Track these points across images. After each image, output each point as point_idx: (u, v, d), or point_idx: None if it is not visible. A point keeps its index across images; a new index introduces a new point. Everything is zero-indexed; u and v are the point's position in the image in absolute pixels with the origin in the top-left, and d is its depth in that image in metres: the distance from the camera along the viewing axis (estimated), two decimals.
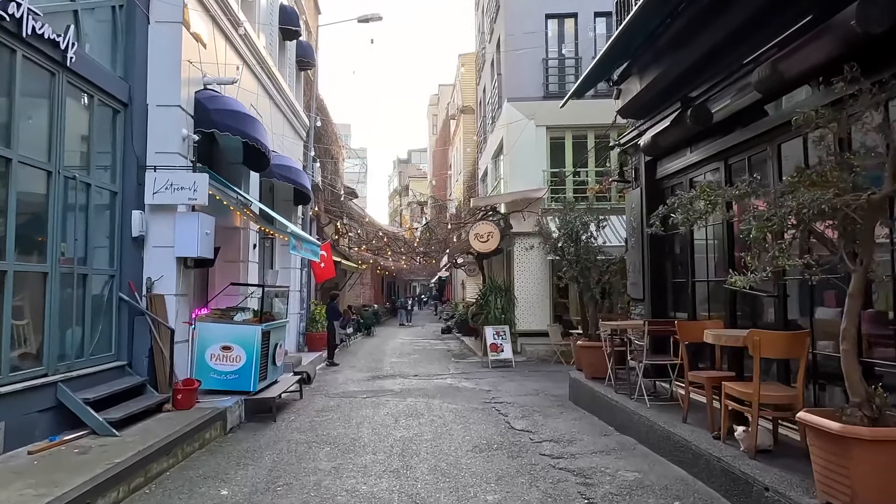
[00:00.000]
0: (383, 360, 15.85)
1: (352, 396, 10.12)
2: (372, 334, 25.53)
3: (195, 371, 7.96)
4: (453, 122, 30.41)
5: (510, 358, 13.95)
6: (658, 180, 8.32)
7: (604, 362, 8.09)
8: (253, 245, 11.16)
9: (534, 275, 15.94)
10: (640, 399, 6.73)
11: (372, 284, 35.90)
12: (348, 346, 19.63)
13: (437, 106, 52.92)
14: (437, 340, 22.74)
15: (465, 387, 11.02)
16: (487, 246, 16.01)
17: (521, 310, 15.89)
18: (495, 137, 18.63)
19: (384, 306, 39.35)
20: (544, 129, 16.24)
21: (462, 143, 26.94)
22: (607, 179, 11.93)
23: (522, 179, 15.90)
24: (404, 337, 24.78)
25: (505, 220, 16.28)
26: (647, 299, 8.32)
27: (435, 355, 17.15)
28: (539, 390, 10.46)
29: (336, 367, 14.24)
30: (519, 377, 12.18)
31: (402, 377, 12.55)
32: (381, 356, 17.01)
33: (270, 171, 11.60)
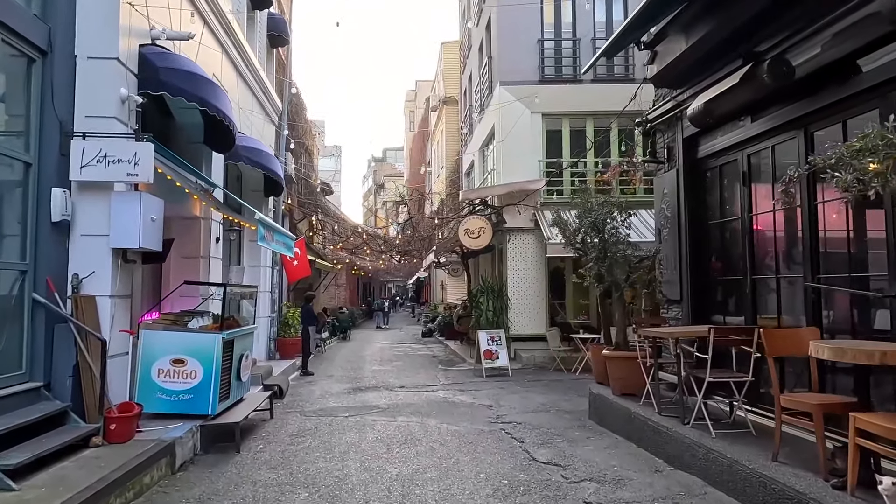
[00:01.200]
0: (363, 368, 14.35)
1: (332, 415, 8.63)
2: (348, 338, 23.97)
3: (138, 392, 6.39)
4: (434, 114, 29.01)
5: (506, 366, 12.59)
6: (699, 160, 7.04)
7: (637, 376, 6.78)
8: (216, 238, 9.58)
9: (529, 274, 14.63)
10: (700, 425, 5.41)
11: (347, 285, 34.28)
12: (323, 352, 18.06)
13: (415, 102, 51.46)
14: (418, 345, 21.29)
15: (461, 401, 9.61)
16: (478, 242, 14.64)
17: (514, 312, 14.55)
18: (484, 126, 17.29)
19: (360, 308, 37.71)
20: (539, 116, 14.95)
21: (444, 136, 25.58)
22: (616, 168, 10.72)
23: (516, 171, 14.58)
24: (383, 341, 23.27)
25: (497, 214, 14.93)
26: (685, 300, 7.04)
27: (419, 362, 15.70)
28: (548, 405, 9.11)
29: (311, 378, 12.70)
30: (520, 388, 10.83)
31: (387, 389, 11.09)
32: (360, 363, 15.50)
33: (237, 153, 10.05)
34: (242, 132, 10.88)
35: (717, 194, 6.83)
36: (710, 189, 6.93)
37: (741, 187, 6.22)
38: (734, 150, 6.35)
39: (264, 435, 7.25)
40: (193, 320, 6.86)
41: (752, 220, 6.12)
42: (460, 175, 22.38)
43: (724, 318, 6.65)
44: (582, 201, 7.94)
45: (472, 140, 20.09)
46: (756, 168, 6.14)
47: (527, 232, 14.66)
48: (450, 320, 21.36)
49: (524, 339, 14.28)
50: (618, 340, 7.33)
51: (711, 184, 6.92)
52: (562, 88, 14.88)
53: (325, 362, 15.68)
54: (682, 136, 7.13)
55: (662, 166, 7.58)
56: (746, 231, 6.17)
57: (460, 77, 23.73)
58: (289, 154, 16.95)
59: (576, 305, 15.11)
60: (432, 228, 21.06)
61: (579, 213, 7.97)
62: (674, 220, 7.22)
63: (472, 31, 19.95)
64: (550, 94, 14.77)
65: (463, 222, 14.75)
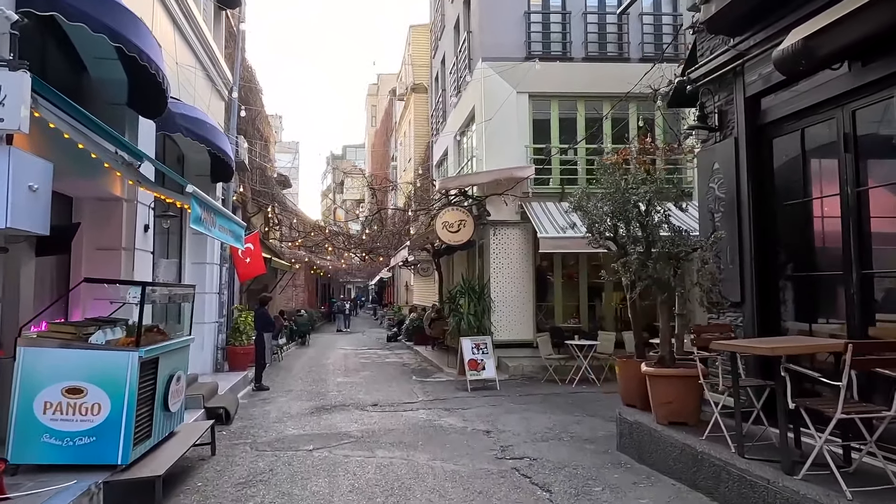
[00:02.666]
0: (327, 381, 12.50)
1: (291, 447, 6.83)
2: (307, 343, 21.97)
3: (13, 435, 4.50)
4: (400, 104, 27.25)
5: (493, 377, 10.99)
6: (767, 125, 5.58)
7: (692, 400, 5.28)
8: (144, 226, 7.64)
9: (514, 272, 13.07)
10: (818, 477, 3.89)
11: (306, 286, 32.13)
12: (280, 361, 16.09)
13: (377, 96, 49.55)
14: (385, 350, 19.49)
15: (451, 426, 7.94)
16: (459, 237, 13.00)
17: (498, 316, 12.97)
18: (461, 110, 15.67)
19: (319, 311, 35.57)
20: (526, 97, 13.42)
21: (412, 126, 23.87)
22: (624, 150, 9.29)
23: (500, 157, 13.00)
24: (345, 346, 21.38)
25: (479, 205, 13.32)
26: (747, 302, 5.57)
27: (390, 372, 13.94)
28: (557, 429, 7.54)
29: (266, 393, 10.80)
30: (515, 405, 9.23)
31: (357, 408, 9.32)
32: (323, 373, 13.63)
33: (173, 122, 8.13)
34: (181, 100, 8.97)
35: (795, 167, 5.38)
36: (785, 160, 5.48)
37: (843, 155, 4.75)
38: (828, 107, 4.89)
39: (201, 485, 5.40)
40: (98, 332, 4.97)
41: (859, 196, 4.66)
42: (430, 165, 20.69)
43: (810, 325, 5.19)
44: (611, 182, 6.35)
45: (445, 127, 18.44)
46: (867, 128, 4.68)
47: (512, 226, 13.10)
48: (419, 324, 19.68)
49: (509, 345, 12.70)
50: (662, 353, 5.80)
51: (786, 154, 5.47)
52: (551, 67, 13.39)
53: (282, 373, 13.76)
54: (742, 95, 5.66)
55: (712, 136, 6.08)
56: (852, 211, 4.70)
57: (430, 61, 22.06)
58: (241, 138, 14.96)
59: (565, 308, 13.63)
60: (404, 222, 19.27)
61: (606, 197, 6.38)
62: (731, 202, 5.74)
63: (447, 9, 18.31)
64: (538, 74, 13.25)
65: (440, 214, 13.08)
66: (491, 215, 12.92)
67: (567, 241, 11.41)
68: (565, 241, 11.40)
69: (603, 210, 6.36)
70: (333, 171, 70.34)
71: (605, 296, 13.81)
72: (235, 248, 13.26)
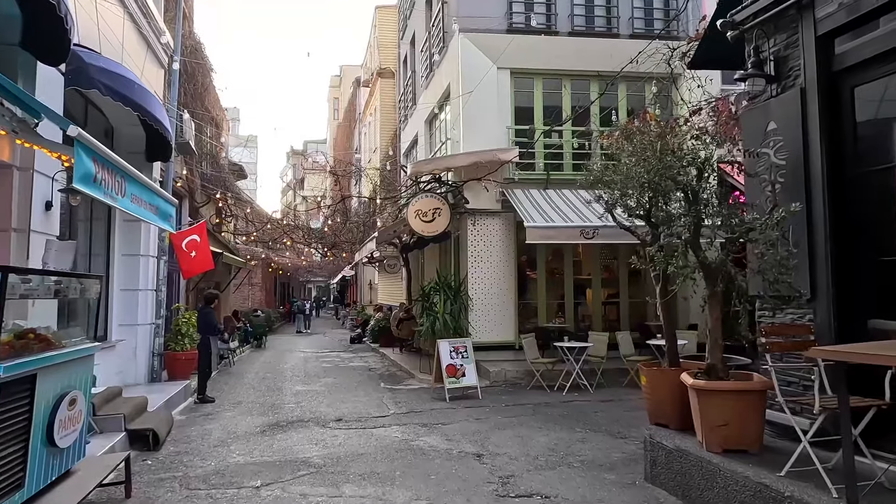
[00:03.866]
0: (283, 389, 10.98)
1: (234, 483, 5.37)
2: (263, 346, 20.26)
3: None
4: (365, 90, 25.70)
5: (474, 385, 9.68)
6: (843, 72, 4.41)
7: (755, 421, 4.06)
8: (46, 203, 6.04)
9: (495, 267, 11.80)
10: None
11: (263, 285, 30.26)
12: (231, 366, 14.43)
13: (340, 88, 47.90)
14: (348, 353, 17.97)
15: (432, 447, 6.58)
16: (433, 227, 11.65)
17: (476, 315, 11.68)
18: (435, 90, 14.32)
19: (278, 310, 33.69)
20: (508, 73, 12.16)
21: (378, 113, 22.39)
22: (628, 122, 8.08)
23: (478, 140, 11.70)
24: (305, 348, 19.75)
25: (456, 193, 12.00)
26: (821, 294, 4.39)
27: (355, 378, 12.48)
28: (562, 451, 6.27)
29: (211, 407, 9.23)
30: (504, 419, 7.93)
31: (318, 424, 7.88)
32: (279, 381, 12.08)
33: (87, 76, 6.52)
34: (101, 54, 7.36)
35: (883, 124, 4.23)
36: (869, 116, 4.33)
37: None
38: None
39: None
40: None
41: None
42: (397, 154, 19.27)
43: None
44: (644, 143, 5.05)
45: (415, 112, 17.06)
46: None
47: (493, 215, 11.82)
48: (385, 325, 18.24)
49: (489, 347, 11.41)
50: (713, 362, 4.56)
51: (870, 107, 4.31)
52: (534, 41, 12.17)
53: (232, 381, 12.15)
54: (812, 34, 4.48)
55: (765, 91, 4.89)
56: None
57: (398, 44, 20.63)
58: (187, 116, 13.27)
59: (549, 306, 12.42)
60: (370, 213, 17.77)
61: (640, 161, 5.09)
62: (794, 170, 4.57)
63: None
64: (521, 48, 12.02)
65: (413, 202, 11.69)
66: (469, 203, 11.61)
67: (556, 232, 10.21)
68: (554, 231, 10.19)
69: (636, 178, 5.03)
70: (294, 168, 68.10)
71: (591, 293, 12.67)
72: (178, 240, 11.67)
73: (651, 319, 12.42)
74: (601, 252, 12.63)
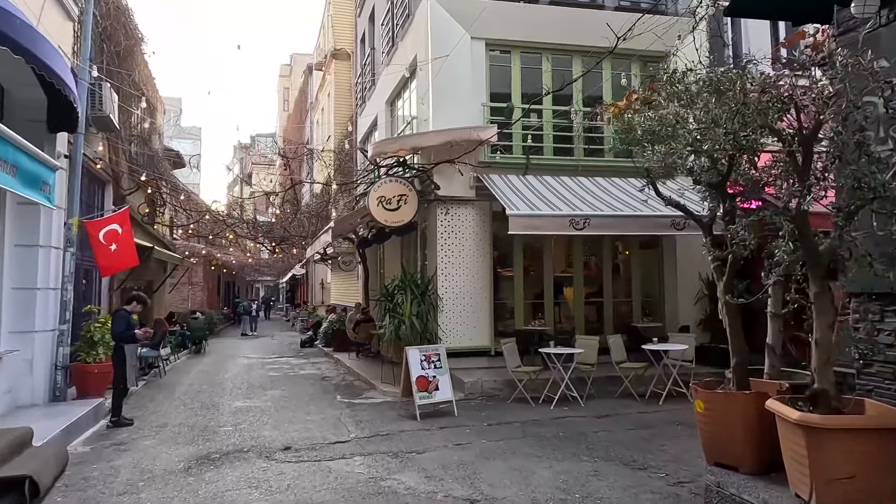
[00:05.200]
0: (221, 406, 9.28)
1: None
2: (203, 351, 18.26)
3: None
4: (318, 74, 23.88)
5: (450, 399, 8.26)
6: None
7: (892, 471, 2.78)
8: None
9: (468, 262, 10.42)
10: None
11: (205, 284, 27.98)
12: (162, 377, 12.53)
13: (290, 77, 45.66)
14: (298, 359, 16.25)
15: (411, 491, 5.12)
16: (398, 216, 10.16)
17: (447, 317, 10.27)
18: (398, 66, 12.81)
19: (221, 312, 31.38)
20: (483, 44, 10.80)
21: (332, 99, 20.68)
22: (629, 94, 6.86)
23: (449, 118, 10.27)
24: (250, 354, 17.89)
25: (424, 178, 10.56)
26: None
27: (307, 389, 10.87)
28: (576, 489, 4.93)
29: (127, 432, 7.48)
30: (491, 444, 6.54)
31: (260, 456, 6.30)
32: (216, 395, 10.34)
33: None
34: None
35: None
36: None
37: None
38: None
39: None
40: None
41: None
42: (353, 140, 17.63)
43: None
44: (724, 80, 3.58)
45: (374, 93, 15.50)
46: None
47: (466, 203, 10.44)
48: (339, 327, 16.62)
49: (461, 354, 10.02)
50: (822, 386, 3.26)
51: None
52: (513, 9, 10.84)
53: (161, 394, 10.35)
54: None
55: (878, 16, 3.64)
56: None
57: (355, 22, 19.00)
58: (107, 86, 11.34)
59: (527, 307, 11.12)
60: (324, 202, 16.03)
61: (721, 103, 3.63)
62: None
63: None
64: (497, 16, 10.68)
65: (375, 188, 10.17)
66: (440, 189, 10.17)
67: (542, 221, 8.91)
68: (540, 220, 8.89)
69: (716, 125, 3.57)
70: (241, 162, 65.03)
71: (573, 292, 11.44)
72: (93, 230, 9.82)
73: (638, 320, 11.30)
74: (584, 246, 11.43)
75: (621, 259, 11.90)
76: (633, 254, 11.74)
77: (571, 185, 10.39)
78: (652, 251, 11.67)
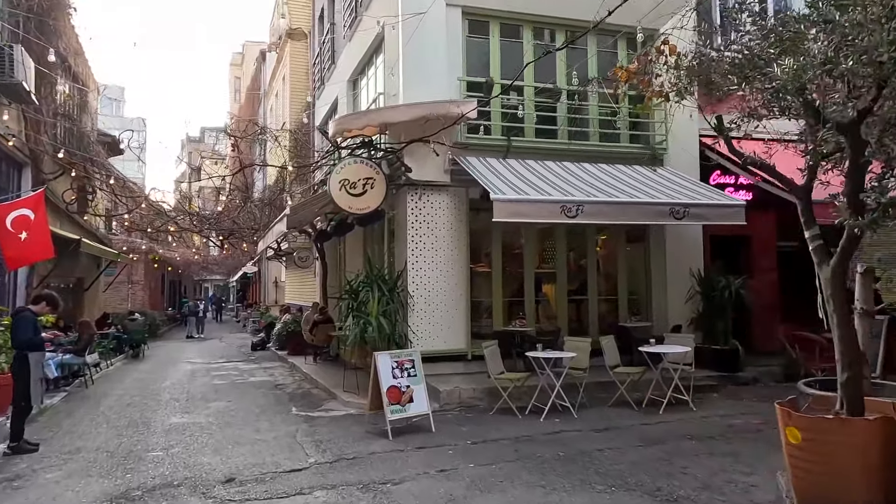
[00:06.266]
0: (152, 424, 7.86)
1: None
2: (142, 356, 16.55)
3: None
4: (271, 57, 22.29)
5: (426, 412, 7.09)
6: None
7: None
8: None
9: (442, 256, 9.29)
10: None
11: (147, 283, 25.92)
12: (88, 388, 10.92)
13: (242, 66, 43.45)
14: (249, 364, 14.78)
15: None
16: (363, 203, 8.93)
17: (418, 317, 9.12)
18: (362, 40, 11.56)
19: (165, 313, 29.29)
20: (459, 12, 9.68)
21: (287, 83, 19.18)
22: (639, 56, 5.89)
23: (422, 92, 9.08)
24: (195, 358, 16.29)
25: (392, 160, 9.36)
26: None
27: (257, 399, 9.52)
28: None
29: (27, 462, 6.03)
30: (484, 471, 5.42)
31: (195, 493, 5.01)
32: (149, 408, 8.89)
33: None
34: None
35: None
36: None
37: None
38: None
39: None
40: None
41: None
42: (310, 126, 16.23)
43: None
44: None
45: (335, 72, 14.18)
46: None
47: (440, 189, 9.30)
48: (295, 328, 15.24)
49: (435, 358, 8.85)
50: None
51: None
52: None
53: (83, 408, 8.86)
54: None
55: None
56: None
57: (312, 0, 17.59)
58: (21, 50, 9.70)
59: (505, 306, 10.05)
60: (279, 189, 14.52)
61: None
62: None
63: None
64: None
65: (338, 170, 8.90)
66: (412, 172, 8.98)
67: (531, 207, 7.87)
68: (529, 206, 7.85)
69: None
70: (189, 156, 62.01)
71: (555, 289, 10.43)
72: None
73: (625, 319, 10.38)
74: (567, 238, 10.44)
75: (607, 253, 10.97)
76: (618, 248, 10.82)
77: (557, 169, 9.38)
78: (638, 245, 10.78)
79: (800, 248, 12.14)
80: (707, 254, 10.71)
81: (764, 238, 11.35)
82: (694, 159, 10.54)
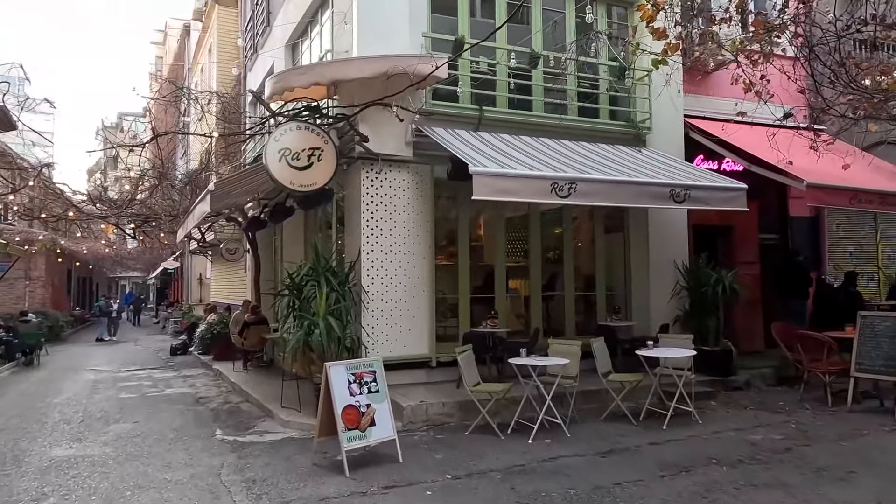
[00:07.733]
0: (25, 459, 5.99)
1: None
2: (36, 363, 14.13)
3: None
4: (196, 25, 19.99)
5: (391, 437, 5.60)
6: None
7: None
8: None
9: (402, 245, 7.84)
10: None
11: (48, 280, 22.92)
12: None
13: (165, 45, 40.09)
14: (166, 372, 12.73)
15: None
16: (309, 178, 7.31)
17: (374, 317, 7.62)
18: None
19: (71, 313, 26.18)
20: None
21: (214, 53, 17.07)
22: None
23: (380, 48, 7.56)
24: (102, 366, 14.04)
25: (343, 130, 7.80)
26: None
27: (173, 420, 7.72)
28: None
29: None
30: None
31: None
32: (27, 435, 6.94)
33: None
34: None
35: None
36: None
37: None
38: None
39: None
40: None
41: None
42: (240, 101, 14.31)
43: None
44: None
45: (270, 36, 12.37)
46: None
47: (401, 166, 7.83)
48: (221, 330, 13.33)
49: (395, 365, 7.35)
50: None
51: None
52: None
53: None
54: None
55: None
56: None
57: None
58: None
59: (473, 303, 8.68)
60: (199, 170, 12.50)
61: None
62: None
63: None
64: None
65: (276, 137, 7.24)
66: (368, 142, 7.45)
67: (517, 183, 6.55)
68: (514, 182, 6.53)
69: None
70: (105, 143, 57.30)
71: (529, 284, 9.16)
72: None
73: (605, 318, 9.23)
74: (543, 225, 9.20)
75: (583, 245, 9.82)
76: (596, 238, 9.68)
77: (537, 145, 8.11)
78: (617, 235, 9.68)
79: (781, 241, 11.81)
80: (691, 245, 9.74)
81: (745, 229, 10.53)
82: (679, 140, 9.56)
